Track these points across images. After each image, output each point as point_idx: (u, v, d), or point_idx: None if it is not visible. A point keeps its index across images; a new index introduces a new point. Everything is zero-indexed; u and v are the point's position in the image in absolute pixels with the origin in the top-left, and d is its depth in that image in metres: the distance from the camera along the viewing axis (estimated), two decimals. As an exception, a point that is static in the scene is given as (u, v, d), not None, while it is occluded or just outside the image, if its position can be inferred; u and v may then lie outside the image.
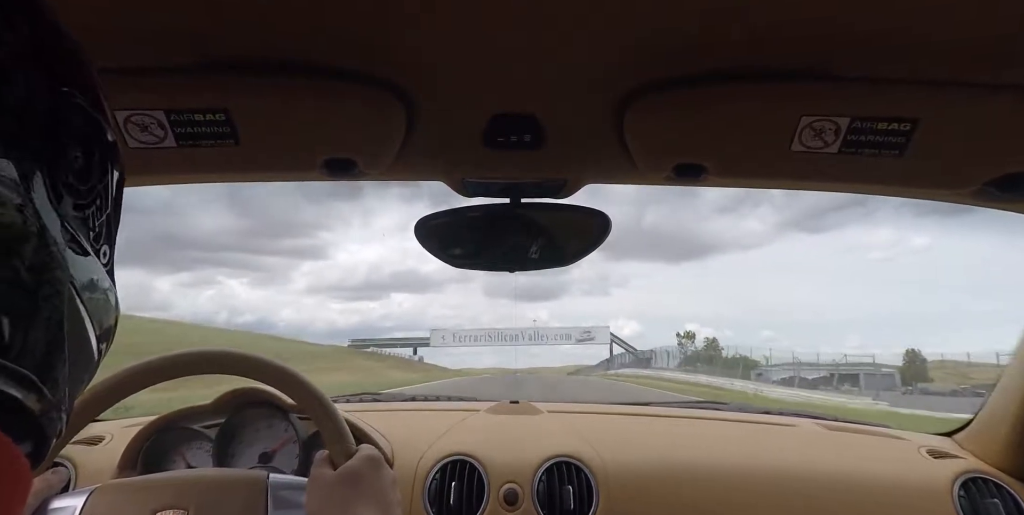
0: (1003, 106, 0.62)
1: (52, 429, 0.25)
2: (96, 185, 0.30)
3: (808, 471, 1.06)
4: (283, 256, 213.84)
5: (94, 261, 0.29)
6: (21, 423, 0.23)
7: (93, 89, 0.30)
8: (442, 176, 0.85)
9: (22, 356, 0.23)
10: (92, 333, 0.28)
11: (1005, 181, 0.70)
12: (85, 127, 0.29)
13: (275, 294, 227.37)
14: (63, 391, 0.26)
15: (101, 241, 0.31)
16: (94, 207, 0.30)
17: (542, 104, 0.69)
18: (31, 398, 0.23)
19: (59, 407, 0.26)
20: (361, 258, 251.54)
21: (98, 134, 0.30)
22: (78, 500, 0.65)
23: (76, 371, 0.27)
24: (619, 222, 13.58)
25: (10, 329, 0.22)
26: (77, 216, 0.28)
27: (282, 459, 1.01)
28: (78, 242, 0.28)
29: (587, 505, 1.00)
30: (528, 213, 0.85)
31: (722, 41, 0.57)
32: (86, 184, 0.29)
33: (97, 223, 0.30)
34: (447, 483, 1.02)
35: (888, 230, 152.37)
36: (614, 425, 1.26)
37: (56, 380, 0.25)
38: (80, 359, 0.27)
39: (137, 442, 0.99)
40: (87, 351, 0.28)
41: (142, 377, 0.71)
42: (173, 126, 0.64)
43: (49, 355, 0.24)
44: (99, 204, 0.30)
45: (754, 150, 0.69)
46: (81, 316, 0.27)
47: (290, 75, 0.63)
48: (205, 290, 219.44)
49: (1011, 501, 0.99)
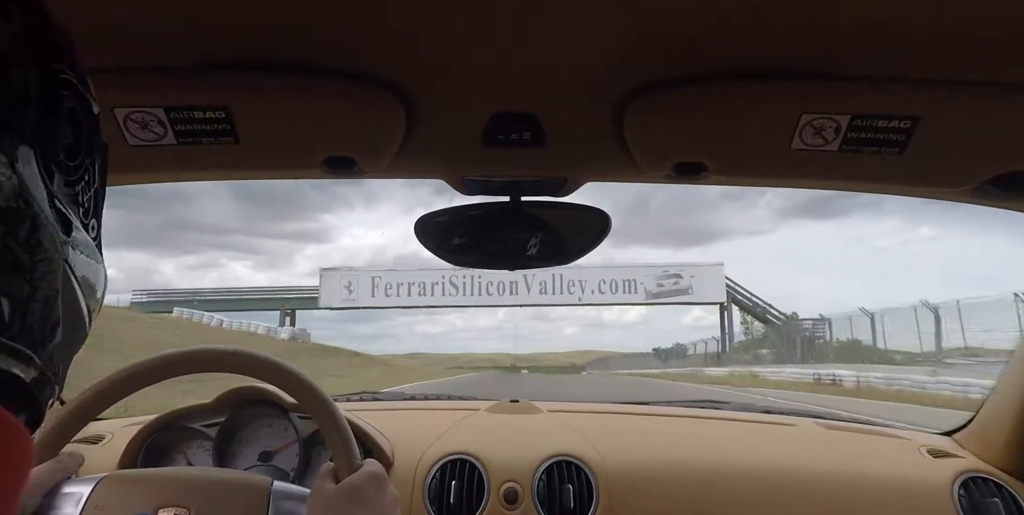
0: (1004, 104, 0.62)
1: (46, 400, 0.27)
2: (84, 160, 0.30)
3: (808, 470, 1.05)
4: (286, 239, 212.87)
5: (85, 236, 0.30)
6: (19, 397, 0.25)
7: (78, 65, 0.30)
8: (442, 174, 0.85)
9: (21, 334, 0.24)
10: (84, 307, 0.29)
11: (1005, 179, 0.70)
12: (74, 104, 0.29)
13: (279, 277, 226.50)
14: (57, 364, 0.27)
15: (90, 215, 0.31)
16: (83, 182, 0.30)
17: (542, 102, 0.69)
18: (29, 373, 0.24)
19: (53, 379, 0.27)
20: (365, 243, 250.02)
21: (85, 109, 0.30)
22: (86, 487, 0.65)
23: (68, 343, 0.28)
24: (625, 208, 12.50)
25: (9, 309, 0.23)
26: (68, 192, 0.29)
27: (282, 458, 1.01)
28: (69, 219, 0.28)
29: (587, 504, 1.00)
30: (528, 211, 0.85)
31: (722, 39, 0.57)
32: (75, 160, 0.29)
33: (85, 198, 0.31)
34: (447, 482, 1.02)
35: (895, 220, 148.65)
36: (614, 424, 1.26)
37: (51, 354, 0.26)
38: (72, 332, 0.28)
39: (137, 441, 1.00)
40: (80, 324, 0.29)
41: (144, 376, 0.71)
42: (173, 124, 0.64)
43: (45, 331, 0.25)
44: (87, 179, 0.31)
45: (755, 148, 0.69)
46: (74, 290, 0.28)
47: (290, 73, 0.63)
48: (208, 273, 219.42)
49: (1011, 500, 0.99)
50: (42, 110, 0.26)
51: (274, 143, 0.70)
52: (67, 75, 0.28)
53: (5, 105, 0.24)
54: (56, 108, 0.27)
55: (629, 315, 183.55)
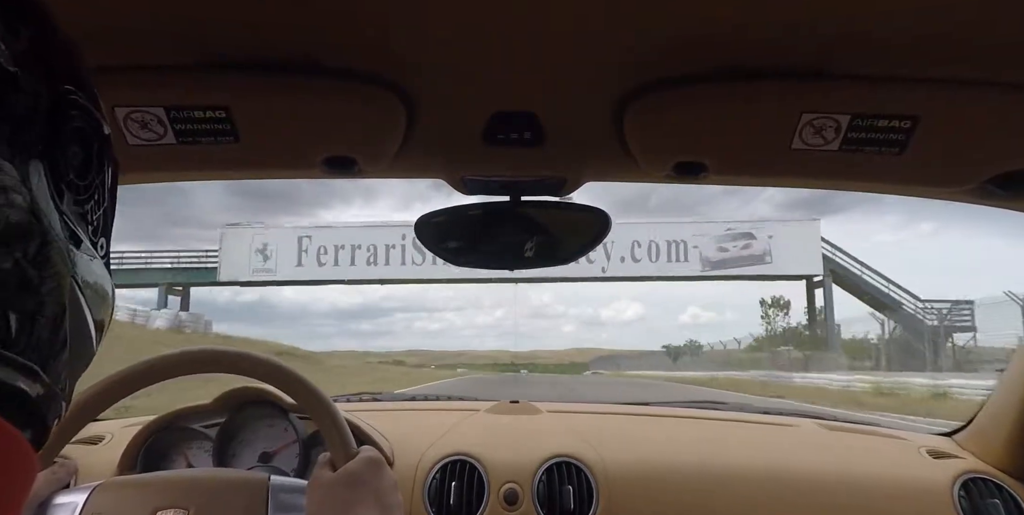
0: (1004, 104, 0.62)
1: (52, 417, 0.27)
2: (94, 179, 0.30)
3: (808, 471, 1.05)
4: None
5: (93, 254, 0.30)
6: (25, 413, 0.24)
7: (89, 84, 0.31)
8: (442, 174, 0.85)
9: (28, 349, 0.24)
10: (91, 324, 0.29)
11: (1006, 179, 0.70)
12: (84, 123, 0.29)
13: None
14: (64, 380, 0.27)
15: (99, 234, 0.31)
16: (92, 201, 0.30)
17: (542, 102, 0.69)
18: (35, 389, 0.24)
19: (60, 396, 0.27)
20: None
21: (96, 129, 0.30)
22: (80, 496, 0.65)
23: (76, 360, 0.28)
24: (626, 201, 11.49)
25: (16, 324, 0.23)
26: (77, 211, 0.29)
27: (282, 459, 1.01)
28: (78, 237, 0.28)
29: (587, 505, 1.00)
30: (528, 211, 0.85)
31: (722, 39, 0.57)
32: (85, 179, 0.29)
33: (95, 217, 0.31)
34: (447, 483, 1.01)
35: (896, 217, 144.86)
36: (614, 425, 1.26)
37: (58, 371, 0.26)
38: (80, 349, 0.28)
39: (137, 442, 0.99)
40: (87, 341, 0.29)
41: (143, 376, 0.71)
42: (173, 123, 0.64)
43: (52, 347, 0.25)
44: (97, 198, 0.31)
45: (754, 148, 0.69)
46: (81, 308, 0.28)
47: (290, 73, 0.63)
48: None
49: (1011, 501, 0.99)
50: (51, 128, 0.26)
51: (274, 143, 0.70)
52: (76, 96, 0.29)
53: (14, 121, 0.24)
54: (65, 127, 0.28)
55: (627, 313, 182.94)
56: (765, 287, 30.31)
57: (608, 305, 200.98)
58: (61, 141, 0.27)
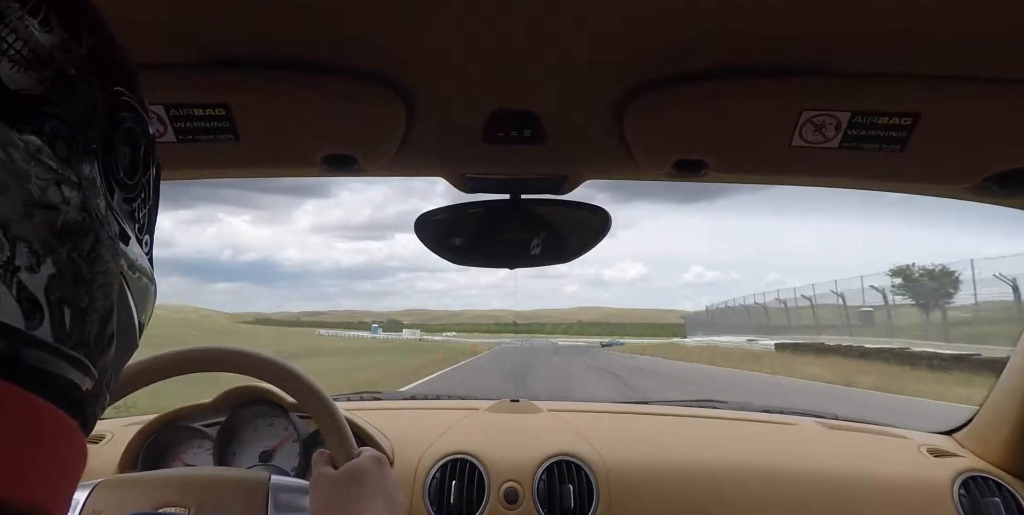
0: (1004, 101, 0.62)
1: (98, 408, 0.28)
2: (142, 178, 0.32)
3: (808, 470, 1.05)
4: (284, 194, 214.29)
5: (139, 251, 0.31)
6: (75, 405, 0.25)
7: (137, 86, 0.32)
8: (442, 172, 0.85)
9: (79, 344, 0.25)
10: (136, 319, 0.30)
11: (1005, 177, 0.70)
12: (134, 124, 0.30)
13: (279, 233, 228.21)
14: (109, 373, 0.28)
15: (144, 231, 0.33)
16: (139, 200, 0.32)
17: (542, 100, 0.69)
18: (85, 381, 0.25)
19: (105, 390, 0.28)
20: (365, 197, 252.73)
21: (143, 129, 0.32)
22: (80, 494, 0.65)
23: (121, 354, 0.29)
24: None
25: (70, 319, 0.24)
26: (126, 209, 0.30)
27: (282, 458, 1.01)
28: (126, 234, 0.29)
29: (587, 504, 1.00)
30: (528, 209, 0.85)
31: (722, 37, 0.57)
32: (133, 178, 0.31)
33: (141, 214, 0.32)
34: (447, 482, 1.02)
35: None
36: (614, 424, 1.26)
37: (106, 364, 0.27)
38: (125, 343, 0.29)
39: (137, 440, 1.00)
40: (132, 338, 0.30)
41: (144, 375, 0.71)
42: (173, 121, 0.64)
43: (100, 343, 0.26)
44: (143, 197, 0.32)
45: (755, 145, 0.69)
46: (129, 304, 0.29)
47: (290, 71, 0.63)
48: (207, 228, 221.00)
49: (1011, 500, 0.99)
50: (105, 129, 0.28)
51: (274, 141, 0.70)
52: (127, 97, 0.30)
53: (73, 123, 0.25)
54: (118, 128, 0.29)
55: (630, 273, 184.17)
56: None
57: (611, 265, 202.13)
58: (114, 141, 0.28)
